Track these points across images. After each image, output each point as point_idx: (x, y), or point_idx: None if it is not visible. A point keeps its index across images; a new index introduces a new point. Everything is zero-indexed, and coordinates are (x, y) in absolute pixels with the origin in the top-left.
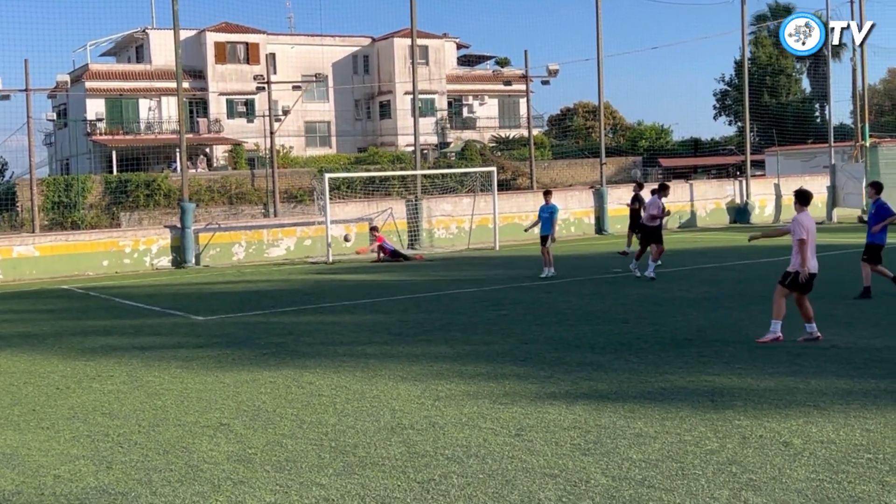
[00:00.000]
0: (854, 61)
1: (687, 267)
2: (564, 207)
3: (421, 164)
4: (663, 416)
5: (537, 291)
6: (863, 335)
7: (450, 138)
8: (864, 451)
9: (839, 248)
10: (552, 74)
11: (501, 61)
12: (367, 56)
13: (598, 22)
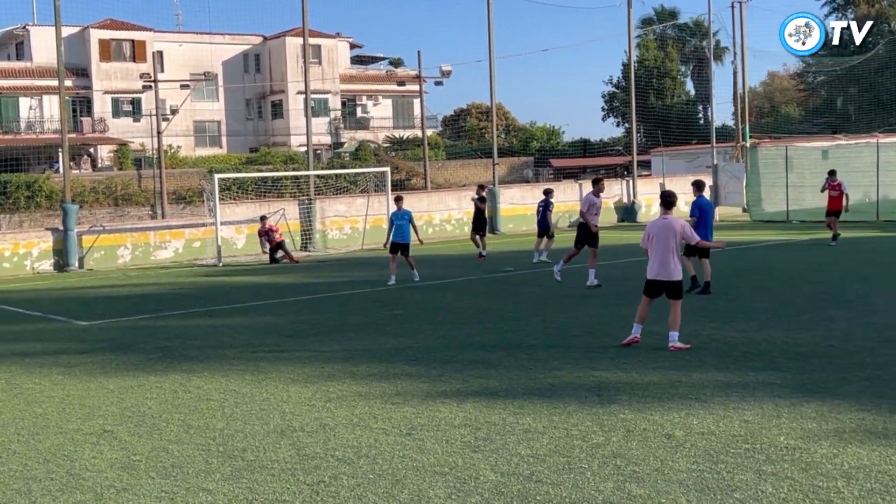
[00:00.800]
0: (735, 64)
1: (577, 265)
2: (458, 207)
3: (314, 165)
4: (551, 412)
5: (431, 291)
6: (742, 329)
7: (343, 138)
8: (742, 441)
9: None
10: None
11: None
12: (259, 55)
13: (489, 24)
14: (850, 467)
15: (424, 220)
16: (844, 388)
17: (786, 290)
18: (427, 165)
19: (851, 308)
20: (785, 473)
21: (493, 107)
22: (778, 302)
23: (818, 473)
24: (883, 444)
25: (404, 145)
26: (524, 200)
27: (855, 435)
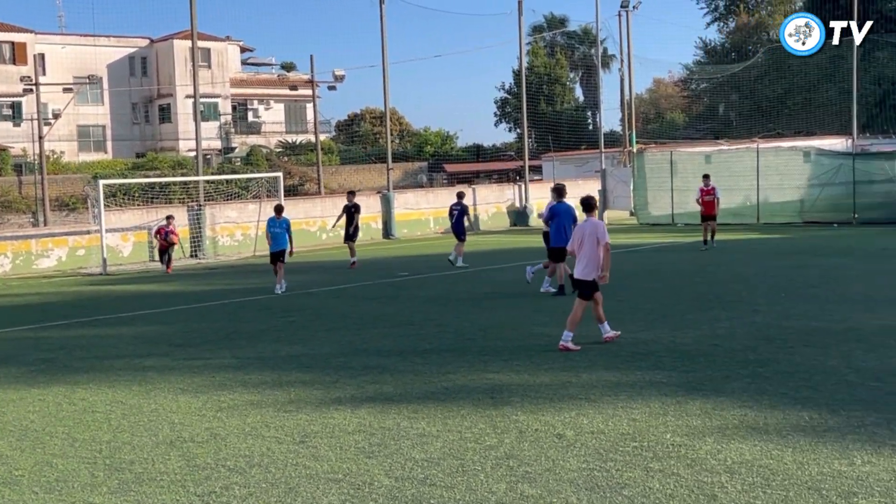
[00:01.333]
0: (622, 72)
1: (471, 269)
2: None
3: (204, 170)
4: (445, 415)
5: (325, 297)
6: (630, 330)
7: (234, 143)
8: (630, 439)
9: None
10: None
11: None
12: (146, 58)
13: (382, 29)
14: (732, 462)
15: (318, 226)
16: (728, 386)
17: (672, 291)
18: (320, 170)
19: (734, 308)
20: (671, 470)
21: (386, 112)
22: (664, 303)
23: (703, 469)
24: (764, 440)
25: (297, 150)
26: (418, 205)
27: (737, 431)
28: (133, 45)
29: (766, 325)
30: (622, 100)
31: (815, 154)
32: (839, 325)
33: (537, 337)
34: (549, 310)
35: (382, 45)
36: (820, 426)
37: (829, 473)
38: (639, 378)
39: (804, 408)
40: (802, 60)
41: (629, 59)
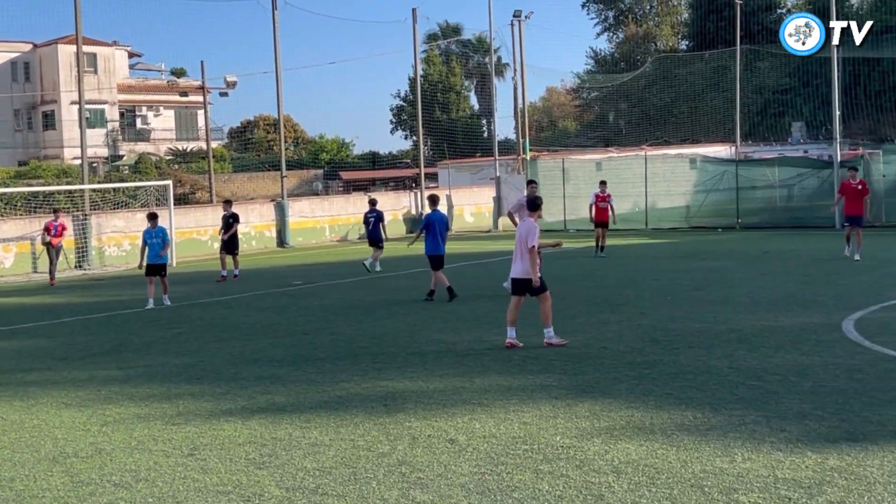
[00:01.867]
0: (515, 80)
1: (365, 277)
2: (245, 221)
3: (90, 178)
4: (338, 424)
5: (216, 308)
6: (522, 334)
7: (122, 151)
8: (521, 442)
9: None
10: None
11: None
12: (28, 63)
13: (275, 35)
14: (619, 462)
15: (210, 235)
16: (615, 388)
17: (562, 296)
18: (212, 178)
19: (622, 311)
20: (560, 471)
21: (280, 119)
22: (557, 307)
23: (591, 469)
24: (649, 439)
25: (188, 158)
26: (314, 213)
27: (624, 431)
28: (15, 49)
29: (653, 328)
30: (515, 108)
31: (700, 161)
32: (722, 327)
33: (432, 343)
34: (443, 316)
35: (275, 52)
36: (703, 425)
37: (712, 471)
38: (530, 382)
39: (688, 407)
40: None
41: (522, 68)
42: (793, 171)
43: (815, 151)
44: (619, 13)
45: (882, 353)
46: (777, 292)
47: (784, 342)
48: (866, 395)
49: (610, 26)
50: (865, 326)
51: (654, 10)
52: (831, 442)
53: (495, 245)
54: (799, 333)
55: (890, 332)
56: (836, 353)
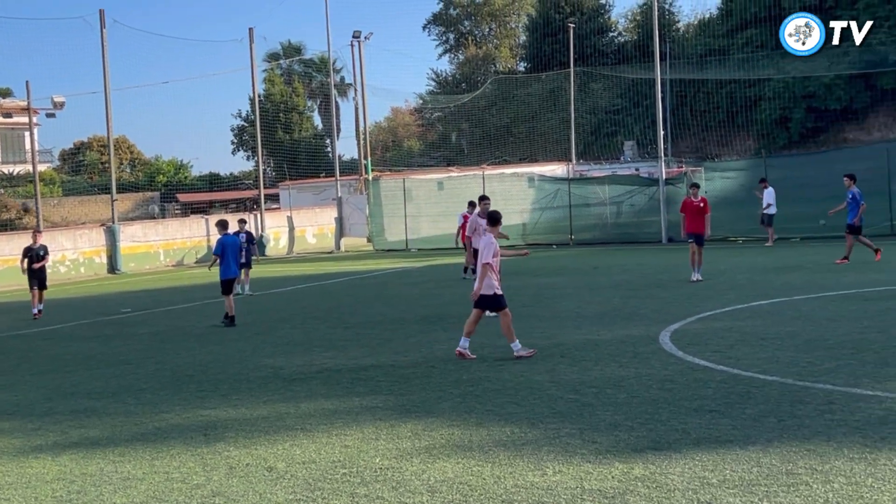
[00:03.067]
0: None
1: (198, 302)
2: (73, 248)
3: None
4: (154, 457)
5: (35, 339)
6: (354, 356)
7: None
8: (340, 466)
9: (346, 276)
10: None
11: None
12: None
13: (104, 54)
14: (435, 481)
15: None
16: (439, 406)
17: (399, 315)
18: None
19: (455, 329)
20: (377, 494)
21: (109, 140)
22: (391, 327)
23: (406, 490)
24: (467, 457)
25: (14, 181)
26: (147, 237)
27: (443, 450)
28: None
29: (481, 345)
30: (357, 128)
31: (537, 179)
32: (547, 341)
33: (260, 369)
34: (275, 341)
35: (104, 71)
36: (519, 440)
37: (523, 485)
38: (356, 404)
39: (507, 423)
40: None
41: (363, 89)
42: (622, 188)
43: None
44: (460, 35)
45: (693, 362)
46: (602, 307)
47: (604, 355)
48: (675, 404)
49: (451, 48)
50: (680, 338)
51: (492, 33)
52: (638, 451)
53: (337, 266)
54: (619, 346)
55: (702, 343)
56: (651, 364)
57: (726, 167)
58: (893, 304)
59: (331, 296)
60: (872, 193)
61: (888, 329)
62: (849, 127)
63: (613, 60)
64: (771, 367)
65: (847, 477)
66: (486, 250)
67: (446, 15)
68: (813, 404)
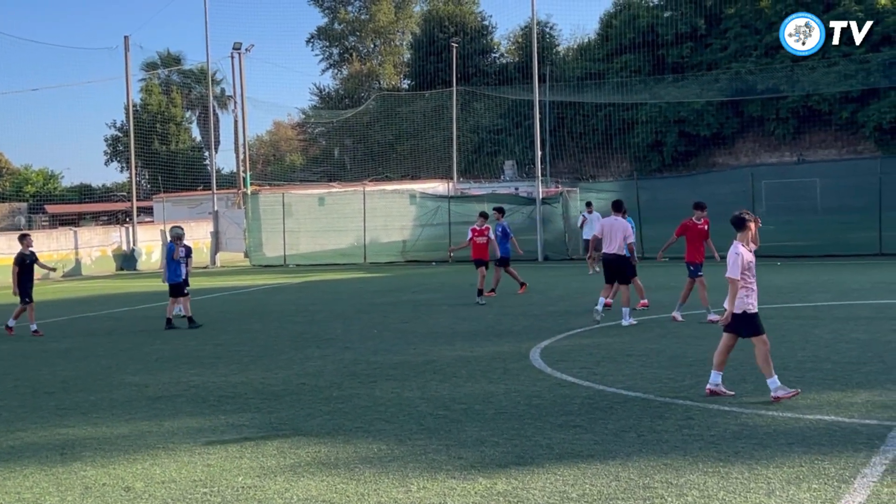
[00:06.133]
0: (236, 113)
1: (64, 317)
2: None
3: None
4: (5, 477)
5: None
6: (223, 373)
7: None
8: (201, 486)
9: (221, 291)
10: None
11: None
12: None
13: None
14: (298, 500)
15: None
16: (308, 424)
17: (272, 331)
18: None
19: (329, 346)
20: None
21: None
22: (263, 344)
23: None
24: (332, 474)
25: None
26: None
27: (309, 468)
28: None
29: (355, 361)
30: (236, 141)
31: (419, 197)
32: (421, 358)
33: (125, 386)
34: (143, 357)
35: None
36: (386, 457)
37: (387, 502)
38: (222, 422)
39: (375, 440)
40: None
41: (243, 101)
42: None
43: (524, 189)
44: (344, 50)
45: (560, 378)
46: (477, 323)
47: (475, 372)
48: (541, 419)
49: (335, 63)
50: (550, 354)
51: (377, 49)
52: (502, 466)
53: (211, 281)
54: (490, 362)
55: (570, 359)
56: (520, 380)
57: (601, 188)
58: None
59: (203, 311)
60: None
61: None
62: (718, 151)
63: (496, 81)
64: (635, 384)
65: (700, 490)
66: (732, 263)
67: (331, 30)
68: (672, 419)
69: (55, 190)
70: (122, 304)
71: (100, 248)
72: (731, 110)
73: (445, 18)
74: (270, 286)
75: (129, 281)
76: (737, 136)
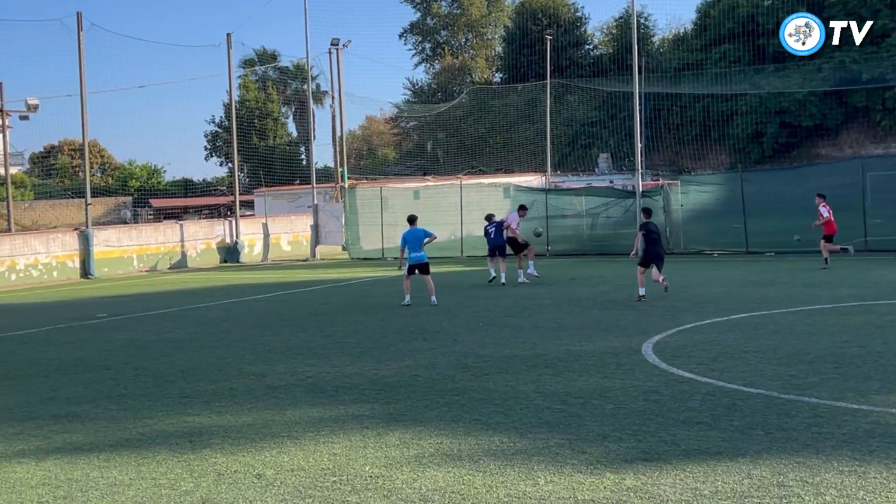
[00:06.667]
0: (333, 108)
1: (174, 308)
2: (46, 251)
3: None
4: (140, 462)
5: (10, 343)
6: (336, 364)
7: None
8: (329, 474)
9: (323, 284)
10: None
11: None
12: None
13: (80, 57)
14: (427, 490)
15: (7, 266)
16: (426, 415)
17: (377, 323)
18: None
19: (436, 338)
20: (368, 502)
21: (85, 144)
22: (371, 336)
23: (398, 499)
24: (457, 466)
25: None
26: (121, 242)
27: (433, 459)
28: None
29: (464, 354)
30: (334, 136)
31: (513, 190)
32: (530, 352)
33: (243, 376)
34: (255, 348)
35: (80, 75)
36: (509, 450)
37: (516, 494)
38: (342, 412)
39: (495, 433)
40: (502, 102)
41: (340, 96)
42: (598, 200)
43: (619, 182)
44: (436, 45)
45: (677, 374)
46: (582, 318)
47: (588, 366)
48: (662, 415)
49: (427, 57)
50: (662, 349)
51: (469, 43)
52: (628, 462)
53: (313, 274)
54: (602, 357)
55: (685, 355)
56: (635, 375)
57: (703, 181)
58: (871, 318)
59: (308, 304)
60: (846, 209)
61: (868, 344)
62: (821, 143)
63: (589, 73)
64: (755, 380)
65: (838, 489)
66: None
67: (423, 24)
68: (799, 417)
69: (158, 184)
70: (228, 295)
71: (204, 241)
72: (835, 100)
73: (539, 11)
74: (370, 279)
75: (233, 273)
76: (841, 126)
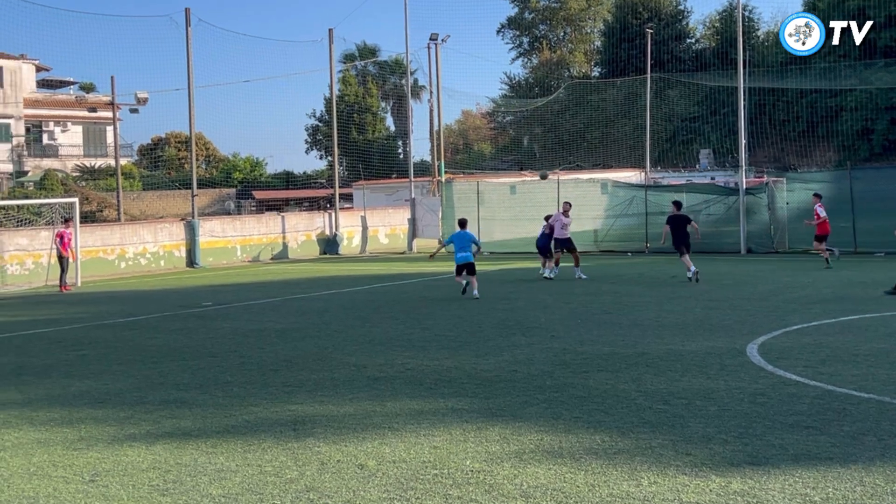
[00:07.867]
0: (431, 103)
1: (277, 298)
2: (154, 240)
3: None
4: (245, 449)
5: (121, 329)
6: (434, 357)
7: (27, 167)
8: (431, 467)
9: (420, 277)
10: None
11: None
12: None
13: (188, 52)
14: (528, 486)
15: (117, 254)
16: (526, 411)
17: (475, 317)
18: (120, 196)
19: (534, 334)
20: (470, 496)
21: (192, 137)
22: (469, 329)
23: (500, 494)
24: (558, 463)
25: (96, 175)
26: (225, 233)
27: (534, 455)
28: None
29: (563, 351)
30: (431, 130)
31: (611, 186)
32: (630, 350)
33: (343, 366)
34: (355, 339)
35: (188, 69)
36: (611, 449)
37: (619, 494)
38: (441, 405)
39: (596, 431)
40: (600, 96)
41: (438, 91)
42: (700, 197)
43: (721, 178)
44: (534, 39)
45: (784, 377)
46: (684, 316)
47: (690, 366)
48: (769, 418)
49: (524, 52)
50: (768, 351)
51: (567, 37)
52: (735, 465)
53: (410, 267)
54: (705, 357)
55: (792, 357)
56: (740, 377)
57: (810, 178)
58: None
59: (406, 296)
60: None
61: None
62: None
63: (691, 67)
64: (866, 384)
65: None
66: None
67: (521, 19)
68: None
69: (260, 177)
70: (328, 286)
71: (305, 233)
72: None
73: (639, 4)
74: None
75: (332, 265)
76: None
